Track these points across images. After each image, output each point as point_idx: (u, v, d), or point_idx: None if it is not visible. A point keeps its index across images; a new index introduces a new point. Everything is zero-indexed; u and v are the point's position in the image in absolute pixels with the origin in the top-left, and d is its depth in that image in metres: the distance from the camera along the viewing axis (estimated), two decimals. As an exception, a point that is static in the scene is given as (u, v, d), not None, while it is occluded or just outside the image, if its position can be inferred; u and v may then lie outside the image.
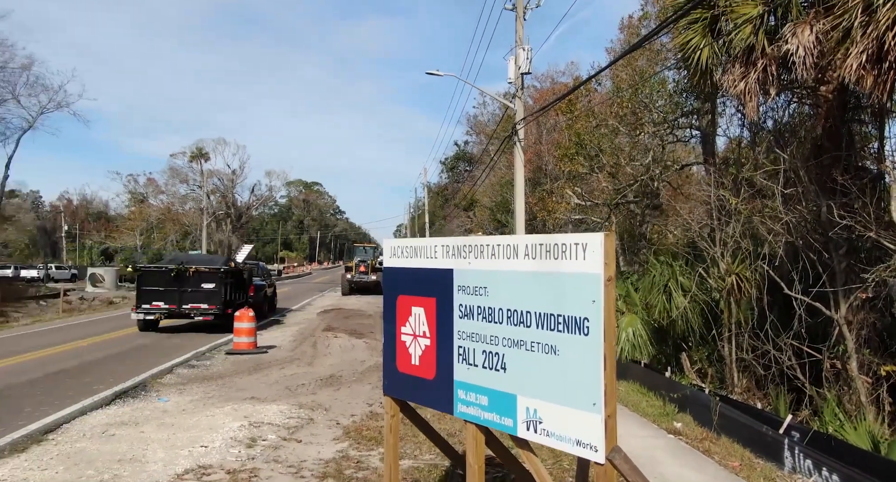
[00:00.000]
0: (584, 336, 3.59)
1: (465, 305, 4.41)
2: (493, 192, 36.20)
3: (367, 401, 9.85)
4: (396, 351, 5.05)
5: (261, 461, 6.79)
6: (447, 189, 67.85)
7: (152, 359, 13.16)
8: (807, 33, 8.72)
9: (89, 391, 9.85)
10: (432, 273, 4.71)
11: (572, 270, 3.68)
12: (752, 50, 9.60)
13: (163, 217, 69.99)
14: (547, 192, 23.07)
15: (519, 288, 4.02)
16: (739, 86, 9.83)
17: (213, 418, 8.46)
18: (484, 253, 4.31)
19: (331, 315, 23.89)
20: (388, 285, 5.19)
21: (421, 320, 4.82)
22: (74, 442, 7.30)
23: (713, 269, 11.83)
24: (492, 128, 47.30)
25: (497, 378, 4.12)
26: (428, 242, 4.85)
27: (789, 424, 8.19)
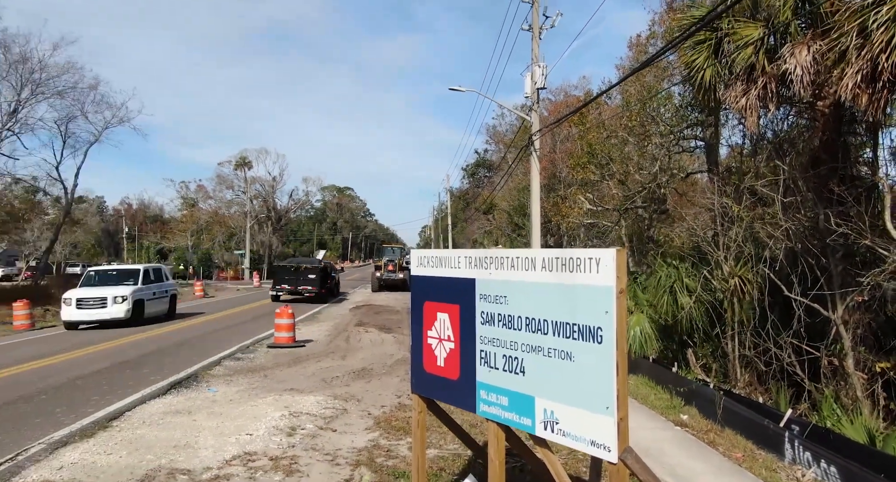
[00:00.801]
0: (598, 344, 3.57)
1: (487, 312, 4.40)
2: (510, 197, 36.07)
3: (396, 392, 9.87)
4: (423, 352, 5.06)
5: (300, 448, 6.84)
6: (468, 193, 67.77)
7: (202, 351, 13.34)
8: (804, 53, 8.57)
9: (147, 381, 10.02)
10: (456, 282, 4.71)
11: (586, 283, 3.66)
12: (753, 68, 9.46)
13: (211, 220, 70.89)
14: (561, 197, 22.92)
15: (537, 298, 4.01)
16: (741, 102, 9.69)
17: (257, 408, 8.55)
18: (504, 265, 4.30)
19: (362, 311, 24.00)
20: (416, 292, 5.20)
21: (446, 325, 4.83)
22: (135, 428, 7.42)
23: (717, 272, 11.66)
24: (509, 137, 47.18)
25: (516, 380, 4.11)
26: (452, 254, 4.85)
27: (789, 418, 8.05)
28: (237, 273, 61.50)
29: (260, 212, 71.80)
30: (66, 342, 15.04)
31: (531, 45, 19.76)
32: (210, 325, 18.74)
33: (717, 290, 11.87)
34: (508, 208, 36.05)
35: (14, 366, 11.54)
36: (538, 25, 19.46)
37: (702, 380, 10.41)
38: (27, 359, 12.31)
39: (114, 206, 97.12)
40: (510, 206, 35.17)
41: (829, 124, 9.95)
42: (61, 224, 43.17)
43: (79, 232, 61.70)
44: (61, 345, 14.50)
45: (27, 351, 13.61)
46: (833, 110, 9.76)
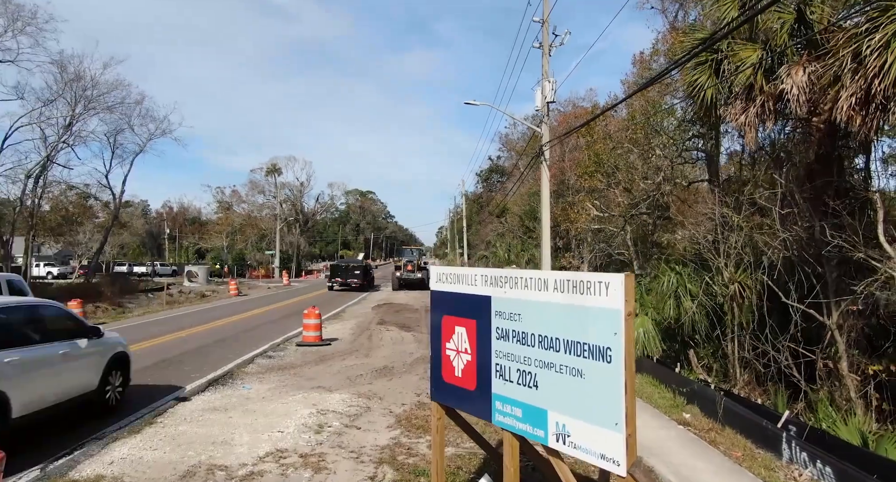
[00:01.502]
0: (607, 363, 3.55)
1: (502, 328, 4.39)
2: (522, 201, 35.91)
3: (416, 390, 9.87)
4: (442, 363, 5.05)
5: (327, 446, 6.88)
6: (482, 197, 67.67)
7: (238, 349, 13.47)
8: (800, 74, 8.44)
9: (188, 378, 10.13)
10: (473, 298, 4.70)
11: (596, 305, 3.64)
12: (752, 88, 9.33)
13: (244, 222, 71.57)
14: (569, 203, 22.77)
15: (549, 317, 3.99)
16: (740, 119, 9.57)
17: (287, 405, 8.61)
18: (518, 284, 4.29)
19: (383, 309, 24.05)
20: (435, 306, 5.20)
21: (463, 338, 4.82)
22: (177, 425, 7.51)
23: (717, 277, 11.51)
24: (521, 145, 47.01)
25: (530, 394, 4.10)
26: (469, 272, 4.84)
27: (787, 419, 7.93)
28: (268, 272, 61.99)
29: (289, 215, 72.30)
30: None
31: (541, 61, 19.66)
32: (244, 324, 18.90)
33: (717, 295, 11.73)
34: (520, 212, 35.89)
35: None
36: (548, 43, 19.37)
37: (703, 380, 10.29)
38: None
39: (156, 208, 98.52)
40: (522, 210, 35.02)
41: (823, 139, 9.78)
42: (110, 227, 43.96)
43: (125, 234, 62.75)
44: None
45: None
46: (827, 126, 9.60)
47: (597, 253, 21.08)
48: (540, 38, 19.65)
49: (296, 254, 69.66)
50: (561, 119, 27.45)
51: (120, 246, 65.73)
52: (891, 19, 5.99)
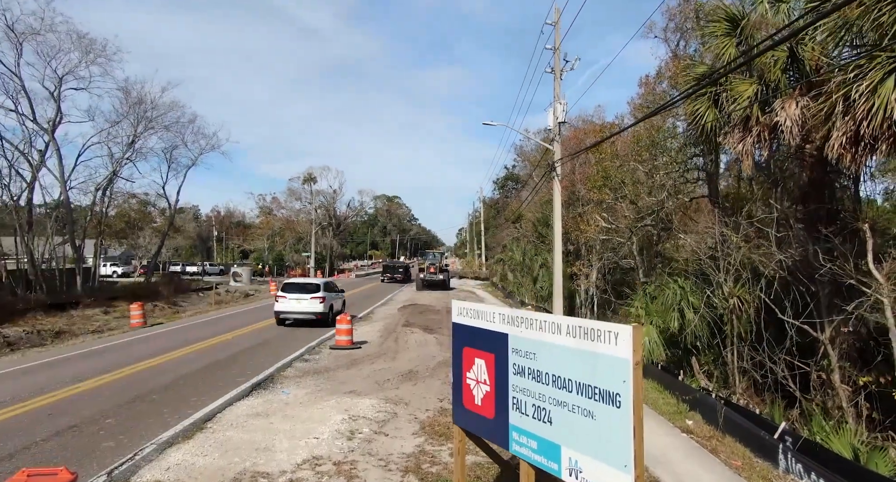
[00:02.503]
0: (617, 408, 3.51)
1: (518, 365, 4.37)
2: (535, 209, 35.65)
3: (438, 396, 9.87)
4: (463, 390, 5.04)
5: (358, 453, 6.91)
6: (498, 203, 67.49)
7: (278, 352, 13.63)
8: (793, 107, 8.27)
9: (234, 382, 10.26)
10: (492, 334, 4.68)
11: (606, 352, 3.60)
12: (748, 119, 9.17)
13: (283, 226, 72.41)
14: (579, 214, 22.55)
15: (562, 358, 3.95)
16: (738, 147, 9.41)
17: (322, 411, 8.68)
18: (533, 325, 4.26)
19: (408, 310, 24.10)
20: (456, 338, 5.19)
21: (482, 370, 4.81)
22: (225, 431, 7.62)
23: (717, 291, 11.30)
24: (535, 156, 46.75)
25: (544, 428, 4.06)
26: (488, 309, 4.82)
27: (783, 430, 7.75)
28: (304, 271, 62.62)
29: (323, 219, 72.92)
30: (171, 340, 15.55)
31: (553, 85, 19.50)
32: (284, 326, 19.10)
33: (717, 307, 11.52)
34: (533, 219, 35.65)
35: (134, 364, 11.94)
36: (559, 68, 19.21)
37: (704, 388, 10.09)
38: (143, 357, 12.72)
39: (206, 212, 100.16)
40: (535, 217, 34.79)
41: (815, 165, 9.55)
42: (166, 232, 44.99)
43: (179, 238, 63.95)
44: (168, 343, 14.99)
45: (141, 349, 14.10)
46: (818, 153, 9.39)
47: (605, 260, 20.85)
48: (552, 63, 19.52)
49: (329, 255, 70.21)
50: (572, 134, 27.19)
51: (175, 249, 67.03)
52: (876, 67, 5.82)
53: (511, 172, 65.15)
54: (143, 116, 35.18)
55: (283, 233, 72.01)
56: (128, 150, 35.20)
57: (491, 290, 40.99)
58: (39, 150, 30.66)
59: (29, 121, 29.68)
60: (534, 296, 29.11)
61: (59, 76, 30.19)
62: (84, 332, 21.45)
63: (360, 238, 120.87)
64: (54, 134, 30.92)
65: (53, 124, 30.82)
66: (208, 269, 62.00)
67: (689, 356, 12.32)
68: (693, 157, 15.30)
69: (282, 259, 66.71)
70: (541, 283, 28.29)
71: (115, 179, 35.63)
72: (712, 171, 13.83)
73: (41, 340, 20.40)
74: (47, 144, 30.86)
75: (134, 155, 36.01)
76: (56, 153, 31.38)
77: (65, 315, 25.29)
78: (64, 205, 32.57)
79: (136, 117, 34.92)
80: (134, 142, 35.47)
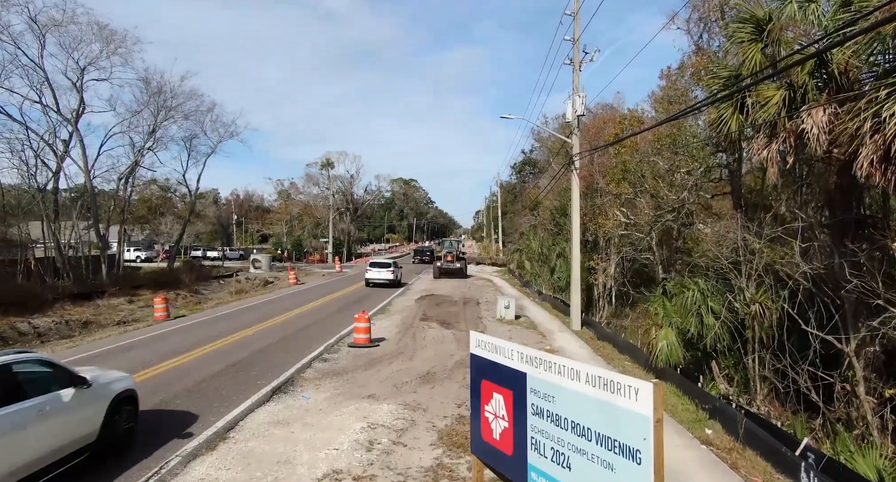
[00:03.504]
0: (637, 464, 3.48)
1: (537, 406, 4.34)
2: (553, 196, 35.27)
3: (456, 401, 9.93)
4: (481, 422, 5.05)
5: (377, 467, 7.00)
6: (516, 187, 67.04)
7: (298, 350, 13.83)
8: (820, 114, 8.00)
9: (255, 386, 10.43)
10: (510, 371, 4.66)
11: (626, 407, 3.55)
12: (774, 125, 8.87)
13: (301, 212, 72.96)
14: (598, 206, 22.24)
15: (581, 406, 3.92)
16: (763, 153, 9.14)
17: (341, 418, 8.79)
18: (551, 369, 4.22)
19: (425, 302, 24.21)
20: (474, 369, 5.18)
21: (500, 404, 4.80)
22: (247, 441, 7.77)
23: (739, 296, 11.10)
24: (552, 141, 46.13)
25: (563, 473, 4.05)
26: (506, 345, 4.79)
27: (805, 446, 7.63)
28: (322, 257, 63.32)
29: (340, 204, 73.29)
30: (193, 336, 15.85)
31: (572, 77, 19.13)
32: (303, 319, 19.38)
33: (738, 311, 11.33)
34: (551, 207, 35.31)
35: (157, 364, 12.20)
36: (578, 60, 18.81)
37: (725, 397, 9.98)
38: (167, 356, 12.96)
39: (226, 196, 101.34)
40: (553, 205, 34.45)
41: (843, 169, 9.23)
42: (187, 220, 45.67)
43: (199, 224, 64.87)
44: (190, 339, 15.27)
45: (165, 346, 14.36)
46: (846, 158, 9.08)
47: (623, 254, 20.62)
48: (571, 54, 19.09)
49: (347, 240, 70.71)
50: (591, 123, 26.69)
51: (196, 235, 68.04)
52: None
53: (529, 157, 64.57)
54: (162, 106, 35.63)
55: (301, 218, 72.57)
56: (148, 140, 35.70)
57: (508, 278, 40.94)
58: (64, 141, 31.23)
59: (53, 112, 30.19)
60: (551, 286, 28.99)
61: (81, 67, 30.60)
62: (110, 323, 22.01)
63: (378, 222, 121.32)
64: (77, 124, 31.43)
65: (77, 114, 31.32)
66: (228, 254, 62.91)
67: (708, 359, 12.19)
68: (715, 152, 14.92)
69: (300, 244, 67.33)
70: (558, 274, 28.13)
71: (136, 169, 36.21)
72: (734, 168, 13.48)
73: (69, 331, 21.00)
74: (71, 134, 31.39)
75: (155, 144, 36.52)
76: (80, 143, 31.97)
77: (91, 305, 25.94)
78: (88, 194, 33.18)
79: (156, 107, 35.39)
80: (154, 131, 35.96)
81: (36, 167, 30.21)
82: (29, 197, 30.76)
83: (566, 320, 20.37)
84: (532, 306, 25.15)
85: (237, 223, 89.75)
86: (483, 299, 26.13)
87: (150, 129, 35.63)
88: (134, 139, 35.39)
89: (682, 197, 14.13)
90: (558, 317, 21.57)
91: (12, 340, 19.16)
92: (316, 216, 71.70)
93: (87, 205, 33.42)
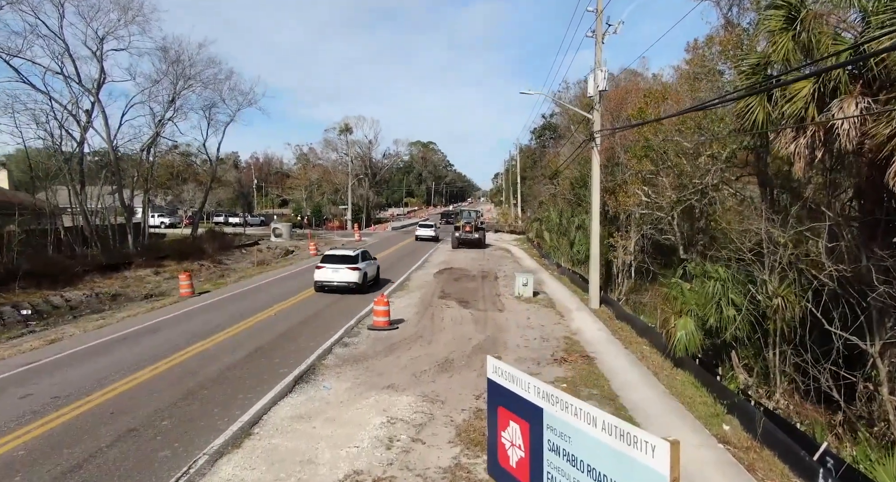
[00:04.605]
0: (649, 520, 3.47)
1: (553, 443, 4.36)
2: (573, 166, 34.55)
3: (474, 392, 10.07)
4: (498, 446, 5.10)
5: (396, 468, 7.19)
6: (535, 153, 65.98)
7: (318, 333, 14.09)
8: (851, 108, 7.59)
9: (277, 374, 10.70)
10: (527, 403, 4.66)
11: (643, 462, 3.53)
12: (803, 119, 8.44)
13: (320, 178, 73.02)
14: (618, 183, 21.76)
15: (597, 452, 3.91)
16: (790, 147, 8.76)
17: (361, 412, 9.00)
18: (568, 409, 4.20)
19: (444, 277, 24.31)
20: (491, 395, 5.21)
21: (517, 434, 4.83)
22: (270, 437, 8.02)
23: (762, 288, 10.88)
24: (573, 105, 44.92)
25: (577, 514, 4.08)
26: (524, 377, 4.77)
27: (824, 450, 7.58)
28: (342, 223, 63.74)
29: (359, 170, 73.10)
30: (216, 316, 16.20)
31: (594, 50, 18.38)
32: (325, 297, 19.61)
33: (760, 303, 11.13)
34: (571, 177, 34.70)
35: (185, 348, 12.55)
36: (601, 32, 18.03)
37: (743, 391, 9.91)
38: (193, 339, 13.34)
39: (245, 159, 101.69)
40: (573, 175, 33.83)
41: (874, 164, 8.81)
42: (209, 188, 46.14)
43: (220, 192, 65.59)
44: (213, 319, 15.62)
45: (190, 328, 14.74)
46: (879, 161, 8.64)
47: (644, 232, 20.29)
48: (594, 27, 18.27)
49: (366, 206, 70.87)
50: (614, 94, 25.81)
51: (217, 202, 68.90)
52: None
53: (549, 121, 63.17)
54: (181, 74, 35.53)
55: (320, 184, 72.76)
56: (168, 109, 35.75)
57: (527, 248, 40.80)
58: (86, 111, 31.47)
59: (74, 83, 30.30)
60: (570, 259, 28.82)
61: (100, 37, 30.57)
62: (137, 296, 22.68)
63: (396, 186, 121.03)
64: (98, 94, 31.58)
65: (98, 84, 31.48)
66: (250, 220, 63.72)
67: (727, 348, 12.08)
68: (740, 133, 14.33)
69: (320, 210, 67.72)
70: (577, 247, 27.88)
71: (158, 139, 36.46)
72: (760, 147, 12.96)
73: (100, 304, 21.73)
74: (93, 104, 31.63)
75: (175, 115, 36.63)
76: (102, 113, 32.31)
77: (119, 276, 26.70)
78: (112, 165, 33.59)
79: (175, 75, 35.34)
80: (174, 100, 36.03)
81: (61, 137, 30.66)
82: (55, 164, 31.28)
83: (584, 297, 20.32)
84: (550, 281, 25.11)
85: (257, 187, 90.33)
86: (501, 273, 26.14)
87: (169, 97, 35.71)
88: (154, 109, 35.56)
89: (705, 181, 13.70)
90: (576, 294, 21.53)
91: (46, 314, 19.93)
92: (335, 182, 71.78)
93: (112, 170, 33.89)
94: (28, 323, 18.40)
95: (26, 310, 19.65)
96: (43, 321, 18.72)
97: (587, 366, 12.00)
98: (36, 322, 18.48)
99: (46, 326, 17.53)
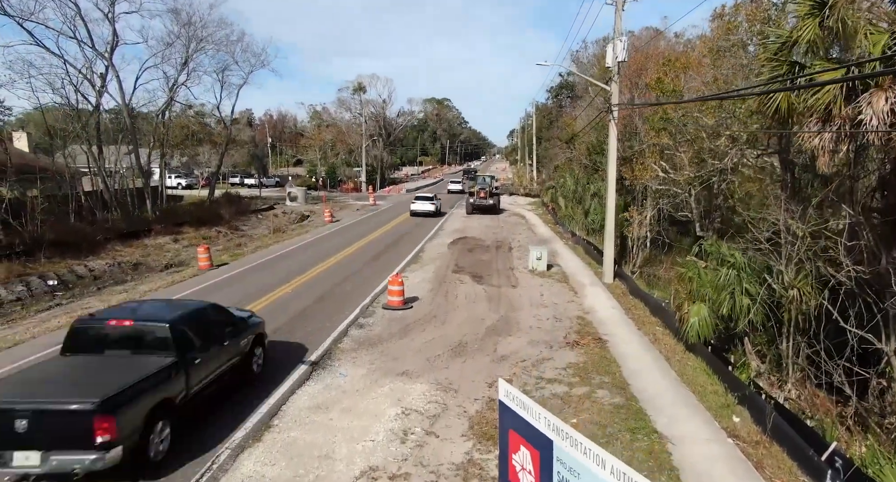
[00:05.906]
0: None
1: (563, 476, 4.42)
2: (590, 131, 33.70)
3: (486, 379, 10.22)
4: (509, 468, 5.20)
5: (411, 463, 7.41)
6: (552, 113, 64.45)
7: (333, 313, 14.25)
8: (881, 103, 7.19)
9: (295, 358, 10.94)
10: (537, 432, 4.71)
11: (647, 513, 3.55)
12: (830, 111, 8.03)
13: (334, 138, 72.39)
14: (636, 153, 21.23)
15: (604, 494, 3.94)
16: (814, 141, 8.38)
17: (377, 402, 9.20)
18: (578, 447, 4.23)
19: (458, 247, 24.32)
20: (502, 417, 5.26)
21: (527, 460, 4.90)
22: (289, 430, 8.26)
23: (777, 278, 10.72)
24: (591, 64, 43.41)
25: (585, 549, 4.17)
26: (534, 407, 4.80)
27: (833, 450, 7.62)
28: (356, 185, 63.62)
29: (373, 130, 72.24)
30: (233, 293, 16.41)
31: (614, 17, 17.53)
32: (338, 271, 19.72)
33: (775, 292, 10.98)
34: (587, 142, 33.93)
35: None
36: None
37: (755, 382, 9.92)
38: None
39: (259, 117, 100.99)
40: (589, 141, 33.08)
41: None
42: (224, 151, 46.17)
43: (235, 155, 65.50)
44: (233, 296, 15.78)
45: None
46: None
47: (660, 207, 19.93)
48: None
49: (380, 167, 70.45)
50: (632, 60, 24.75)
51: (232, 165, 68.92)
52: None
53: (566, 80, 61.32)
54: (193, 36, 34.98)
55: (334, 145, 72.22)
56: (182, 72, 35.34)
57: (541, 213, 40.49)
58: (101, 75, 31.22)
59: (87, 47, 29.97)
60: (584, 228, 28.58)
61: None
62: (158, 266, 23.12)
63: (410, 144, 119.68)
64: (112, 58, 31.23)
65: (111, 47, 31.14)
66: (265, 182, 63.90)
67: (740, 334, 12.03)
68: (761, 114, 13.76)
69: (334, 171, 67.57)
70: (592, 217, 27.60)
71: (172, 104, 36.22)
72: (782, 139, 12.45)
73: (122, 274, 22.22)
74: (107, 68, 31.35)
75: (188, 78, 36.22)
76: (116, 77, 32.04)
77: (139, 244, 27.18)
78: (128, 130, 33.56)
79: (187, 38, 34.78)
80: (187, 62, 35.63)
81: (77, 102, 30.62)
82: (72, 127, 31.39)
83: (598, 271, 20.25)
84: (565, 251, 25.00)
85: (271, 146, 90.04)
86: (515, 243, 26.06)
87: (182, 60, 35.24)
88: (167, 72, 35.17)
89: (724, 162, 13.28)
90: (590, 267, 21.45)
91: (71, 284, 20.46)
92: (349, 143, 71.15)
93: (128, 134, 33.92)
94: (55, 294, 18.93)
95: (52, 280, 20.15)
96: (69, 292, 19.24)
97: (599, 350, 12.07)
98: (63, 293, 19.00)
99: (73, 298, 18.02)
